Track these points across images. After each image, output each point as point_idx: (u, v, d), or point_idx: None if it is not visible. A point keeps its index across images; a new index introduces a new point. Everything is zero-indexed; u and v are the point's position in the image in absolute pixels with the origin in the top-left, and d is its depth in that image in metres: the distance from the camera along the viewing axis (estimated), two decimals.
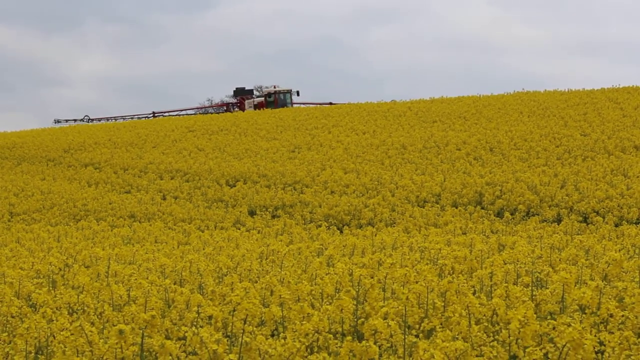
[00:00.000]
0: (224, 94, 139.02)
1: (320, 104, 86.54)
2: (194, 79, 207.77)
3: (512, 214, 28.01)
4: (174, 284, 11.23)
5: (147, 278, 11.02)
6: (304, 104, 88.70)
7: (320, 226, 27.21)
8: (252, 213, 32.63)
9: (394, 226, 27.26)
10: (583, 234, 22.11)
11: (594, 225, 25.01)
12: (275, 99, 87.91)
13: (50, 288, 11.38)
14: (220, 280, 11.88)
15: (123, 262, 15.44)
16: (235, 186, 36.94)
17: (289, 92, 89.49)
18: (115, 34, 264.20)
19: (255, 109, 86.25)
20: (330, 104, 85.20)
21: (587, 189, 28.97)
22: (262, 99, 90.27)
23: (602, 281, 9.31)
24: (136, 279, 10.30)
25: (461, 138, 43.16)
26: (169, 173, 42.55)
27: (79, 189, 40.41)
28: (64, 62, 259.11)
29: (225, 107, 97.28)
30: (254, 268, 12.35)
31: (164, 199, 36.55)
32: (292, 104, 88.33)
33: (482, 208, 29.52)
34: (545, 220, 26.83)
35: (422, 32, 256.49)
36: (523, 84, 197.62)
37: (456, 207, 29.60)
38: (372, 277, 9.72)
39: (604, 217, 26.09)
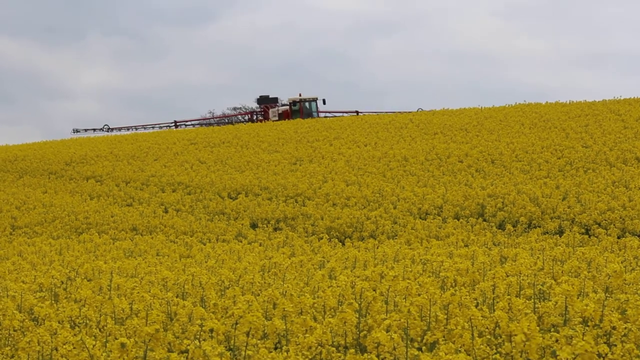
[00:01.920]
0: (226, 106, 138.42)
1: (347, 112, 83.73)
2: (196, 92, 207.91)
3: (513, 226, 27.99)
4: (176, 297, 11.23)
5: (150, 291, 11.02)
6: (329, 112, 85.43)
7: (322, 239, 27.20)
8: (254, 226, 32.63)
9: (395, 238, 27.24)
10: (585, 246, 22.08)
11: (596, 237, 24.97)
12: (301, 108, 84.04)
13: (53, 301, 11.38)
14: (223, 293, 11.88)
15: (125, 275, 15.44)
16: (237, 199, 36.94)
17: (315, 100, 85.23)
18: (118, 47, 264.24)
19: (280, 118, 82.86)
20: (357, 112, 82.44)
21: (589, 201, 28.94)
22: (287, 107, 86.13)
23: (604, 293, 9.31)
24: (138, 292, 10.29)
25: (463, 150, 43.18)
26: (171, 186, 42.56)
27: (80, 202, 40.42)
28: (66, 74, 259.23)
29: (249, 116, 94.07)
30: (256, 281, 12.34)
31: (166, 211, 36.55)
32: (318, 113, 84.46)
33: (484, 220, 29.49)
34: (547, 232, 26.80)
35: (424, 44, 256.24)
36: (525, 96, 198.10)
37: (458, 219, 29.58)
38: (374, 290, 9.72)
39: (606, 229, 26.06)
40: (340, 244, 26.82)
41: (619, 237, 24.78)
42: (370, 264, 15.58)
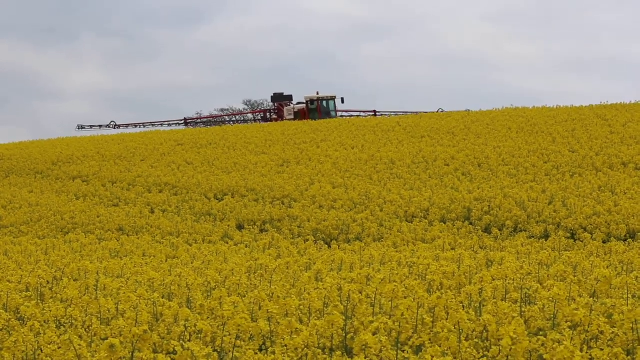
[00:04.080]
0: (214, 107, 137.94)
1: (364, 112, 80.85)
2: (187, 93, 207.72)
3: (500, 230, 28.05)
4: (162, 297, 11.20)
5: (136, 292, 10.99)
6: (347, 111, 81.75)
7: (308, 241, 27.19)
8: (240, 227, 32.59)
9: (382, 241, 27.26)
10: (571, 250, 22.13)
11: (581, 241, 25.03)
12: (318, 107, 79.26)
13: (39, 301, 11.33)
14: (209, 294, 11.85)
15: (111, 275, 15.39)
16: (223, 200, 36.90)
17: (333, 99, 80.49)
18: (109, 48, 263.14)
19: (295, 117, 78.59)
20: (375, 112, 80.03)
21: (574, 206, 29.02)
22: (304, 105, 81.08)
23: (591, 298, 9.32)
24: (125, 293, 10.26)
25: (449, 153, 43.24)
26: (158, 186, 42.47)
27: (66, 201, 40.30)
28: (58, 75, 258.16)
29: (262, 114, 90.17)
30: (243, 282, 12.32)
31: (152, 212, 36.47)
32: (336, 112, 79.86)
33: (470, 224, 29.55)
34: (533, 236, 26.86)
35: (415, 48, 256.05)
36: (513, 100, 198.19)
37: (444, 223, 29.62)
38: (360, 293, 9.71)
39: (591, 234, 26.12)
40: (327, 246, 26.82)
41: (604, 242, 24.86)
42: (357, 267, 15.57)
